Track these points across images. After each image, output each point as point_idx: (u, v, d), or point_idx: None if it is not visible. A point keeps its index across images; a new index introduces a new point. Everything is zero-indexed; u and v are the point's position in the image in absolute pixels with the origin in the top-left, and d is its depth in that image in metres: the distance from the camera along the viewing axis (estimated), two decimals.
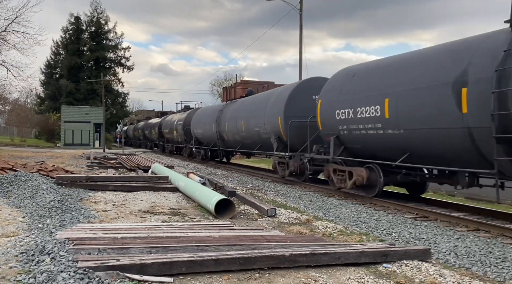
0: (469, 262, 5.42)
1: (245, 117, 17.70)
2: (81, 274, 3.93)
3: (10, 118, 63.61)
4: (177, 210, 8.70)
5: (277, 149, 14.64)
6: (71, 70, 52.23)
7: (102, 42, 54.60)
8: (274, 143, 14.79)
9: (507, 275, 4.94)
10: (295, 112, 13.98)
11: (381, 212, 9.12)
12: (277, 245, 5.41)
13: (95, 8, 55.00)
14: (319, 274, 4.58)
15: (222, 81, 72.88)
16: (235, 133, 19.07)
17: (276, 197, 11.31)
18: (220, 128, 20.90)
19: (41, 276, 3.91)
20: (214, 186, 11.92)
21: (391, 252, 5.19)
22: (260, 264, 4.60)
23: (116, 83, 55.47)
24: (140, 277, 4.07)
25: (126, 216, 7.84)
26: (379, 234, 7.09)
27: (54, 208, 7.82)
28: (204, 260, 4.44)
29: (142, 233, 5.90)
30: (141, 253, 4.82)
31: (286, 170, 14.26)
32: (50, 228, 6.25)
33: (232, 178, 16.36)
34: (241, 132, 18.15)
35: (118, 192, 10.90)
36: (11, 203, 8.60)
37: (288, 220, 8.01)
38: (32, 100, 68.93)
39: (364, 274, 4.68)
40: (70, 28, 54.64)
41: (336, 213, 9.03)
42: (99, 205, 8.89)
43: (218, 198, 8.22)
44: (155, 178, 12.91)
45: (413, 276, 4.68)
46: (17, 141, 45.33)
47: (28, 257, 4.61)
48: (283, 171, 14.67)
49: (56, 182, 11.09)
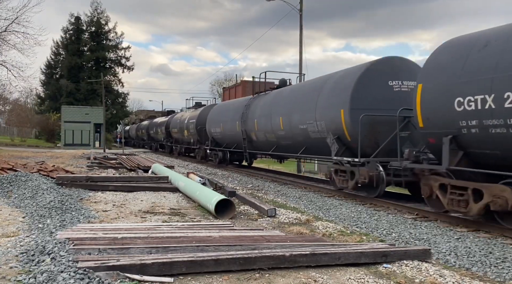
0: (469, 262, 5.43)
1: (285, 113, 14.40)
2: (81, 274, 3.93)
3: (10, 119, 63.63)
4: (177, 210, 8.70)
5: (337, 153, 11.24)
6: (71, 70, 52.26)
7: (102, 42, 54.65)
8: (333, 145, 11.41)
9: (507, 276, 4.94)
10: (366, 103, 10.51)
11: (381, 212, 9.12)
12: (277, 245, 5.41)
13: (95, 8, 55.12)
14: (319, 274, 4.58)
15: (222, 81, 73.04)
16: (269, 133, 15.81)
17: (276, 197, 11.31)
18: (248, 127, 17.65)
19: (41, 276, 3.91)
20: (214, 186, 11.92)
21: (391, 252, 5.19)
22: (260, 264, 4.60)
23: (116, 83, 55.55)
24: (140, 277, 4.07)
25: (126, 216, 7.84)
26: (379, 234, 7.09)
27: (54, 208, 7.82)
28: (204, 260, 4.45)
29: (142, 233, 5.90)
30: (141, 253, 4.82)
31: (350, 180, 10.87)
32: (50, 228, 6.25)
33: (232, 178, 16.36)
34: (278, 132, 14.96)
35: (118, 192, 10.90)
36: (11, 203, 8.61)
37: (288, 220, 8.01)
38: (32, 100, 69.03)
39: (364, 274, 4.68)
40: (70, 28, 54.69)
41: (336, 213, 9.03)
42: (99, 205, 8.89)
43: (218, 198, 8.22)
44: (155, 178, 12.91)
45: (413, 276, 4.69)
46: (17, 141, 45.34)
47: (28, 257, 4.61)
48: (343, 182, 11.21)
49: (56, 182, 11.09)
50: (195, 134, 24.95)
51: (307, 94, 13.28)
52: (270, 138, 15.89)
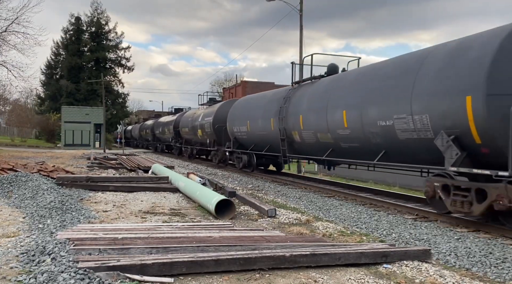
0: (469, 263, 5.43)
1: (351, 105, 10.66)
2: (81, 274, 3.93)
3: (11, 119, 63.66)
4: (177, 211, 8.71)
5: (456, 162, 7.53)
6: (72, 71, 52.29)
7: (102, 43, 54.67)
8: (448, 149, 7.68)
9: (507, 276, 4.94)
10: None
11: (381, 213, 9.13)
12: (277, 246, 5.42)
13: (95, 9, 55.14)
14: (319, 275, 4.59)
15: (222, 81, 73.01)
16: (322, 132, 12.06)
17: (276, 198, 11.32)
18: (288, 125, 13.96)
19: (41, 276, 3.92)
20: (214, 186, 11.92)
21: (391, 252, 5.19)
22: (261, 264, 4.61)
23: (116, 83, 55.56)
24: (140, 278, 4.08)
25: (127, 217, 7.85)
26: (379, 234, 7.10)
27: (54, 208, 7.83)
28: (205, 260, 4.45)
29: (142, 234, 5.90)
30: (142, 253, 4.83)
31: (475, 203, 7.22)
32: (51, 228, 6.25)
33: (232, 178, 16.36)
34: (338, 130, 11.17)
35: (118, 192, 10.91)
36: (11, 203, 8.61)
37: (288, 221, 8.02)
38: (32, 100, 69.12)
39: (364, 274, 4.68)
40: (70, 29, 54.70)
41: (336, 213, 9.03)
42: (100, 206, 8.90)
43: (219, 199, 8.23)
44: (155, 179, 12.91)
45: (413, 277, 4.69)
46: (18, 141, 45.39)
47: (28, 257, 4.62)
48: (461, 204, 7.50)
49: (56, 182, 11.10)
50: (211, 134, 21.69)
51: (393, 78, 9.41)
52: (323, 140, 12.12)
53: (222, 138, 20.44)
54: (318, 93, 12.69)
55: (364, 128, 10.14)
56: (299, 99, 13.74)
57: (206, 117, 22.57)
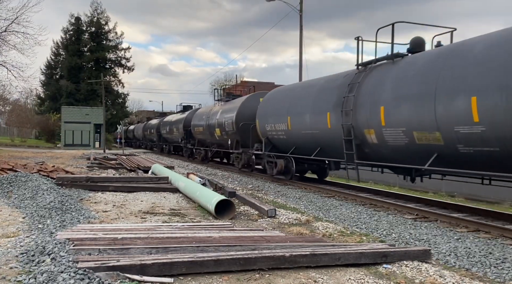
0: (469, 263, 5.43)
1: (487, 87, 7.13)
2: (81, 274, 3.93)
3: (11, 119, 63.65)
4: (177, 211, 8.71)
5: None
6: (71, 71, 52.27)
7: (102, 43, 54.64)
8: None
9: (507, 276, 4.94)
10: None
11: (381, 213, 9.13)
12: (277, 246, 5.42)
13: (95, 9, 55.09)
14: (319, 275, 4.59)
15: (222, 82, 72.97)
16: (423, 130, 8.49)
17: (276, 198, 11.31)
18: (358, 121, 10.38)
19: (41, 276, 3.92)
20: (214, 186, 11.92)
21: (391, 252, 5.19)
22: (260, 264, 4.61)
23: (116, 84, 55.53)
24: (140, 278, 4.08)
25: (126, 217, 7.85)
26: (379, 234, 7.09)
27: (54, 208, 7.82)
28: (204, 260, 4.45)
29: (142, 234, 5.90)
30: (142, 253, 4.83)
31: None
32: (51, 229, 6.25)
33: (232, 178, 16.35)
34: (457, 127, 7.70)
35: (118, 192, 10.91)
36: (11, 204, 8.61)
37: (288, 221, 8.01)
38: (32, 100, 69.11)
39: (364, 274, 4.68)
40: (70, 29, 54.69)
41: (336, 213, 9.03)
42: (99, 206, 8.90)
43: (218, 199, 8.23)
44: (155, 179, 12.91)
45: (413, 277, 4.69)
46: (17, 141, 45.43)
47: (28, 257, 4.62)
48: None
49: (56, 182, 11.10)
50: (233, 133, 18.48)
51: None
52: (423, 141, 8.58)
53: (248, 139, 17.21)
54: (413, 74, 8.95)
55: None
56: (376, 85, 10.03)
57: (227, 114, 19.11)
